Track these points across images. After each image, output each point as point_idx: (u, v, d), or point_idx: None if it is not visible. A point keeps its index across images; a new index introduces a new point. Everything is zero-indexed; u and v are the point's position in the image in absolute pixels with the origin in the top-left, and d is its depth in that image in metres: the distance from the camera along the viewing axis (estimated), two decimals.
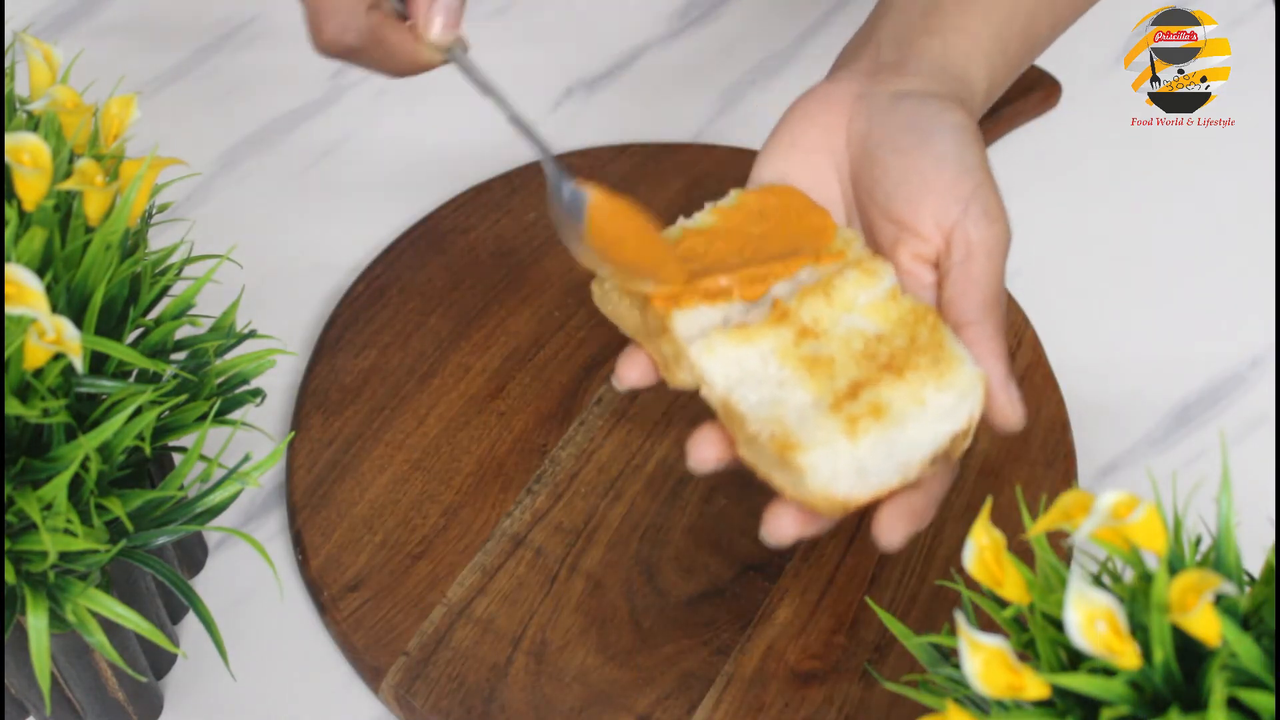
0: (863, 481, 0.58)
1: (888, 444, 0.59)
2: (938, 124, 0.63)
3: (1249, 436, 0.82)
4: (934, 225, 0.62)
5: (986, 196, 0.62)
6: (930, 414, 0.59)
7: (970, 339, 0.61)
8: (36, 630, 0.58)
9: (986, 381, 0.60)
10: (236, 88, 0.94)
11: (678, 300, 0.61)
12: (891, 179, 0.63)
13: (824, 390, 0.60)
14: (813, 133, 0.65)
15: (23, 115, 0.62)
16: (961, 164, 0.62)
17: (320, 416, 0.80)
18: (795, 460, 0.57)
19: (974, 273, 0.62)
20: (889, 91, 0.64)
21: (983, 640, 0.49)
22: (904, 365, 0.60)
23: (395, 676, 0.72)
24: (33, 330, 0.54)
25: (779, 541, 0.60)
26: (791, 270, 0.62)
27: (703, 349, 0.60)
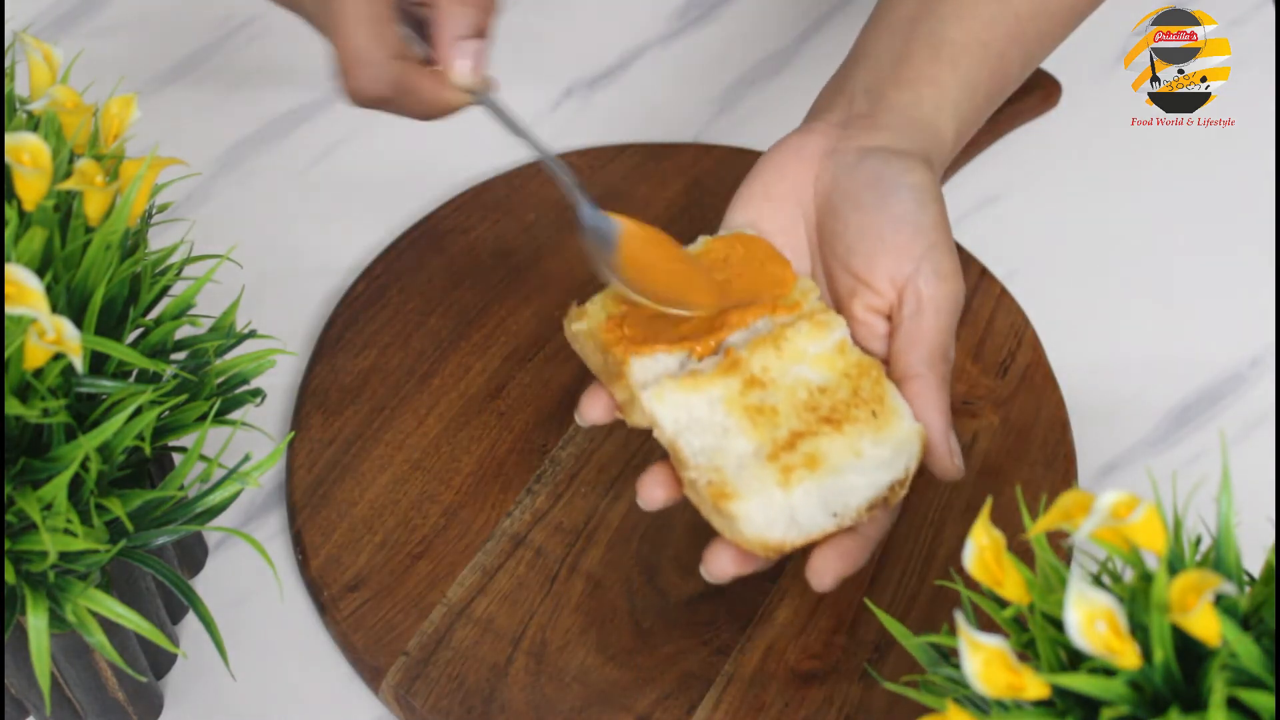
0: (795, 528, 0.62)
1: (821, 493, 0.62)
2: (898, 183, 0.66)
3: (1249, 436, 0.82)
4: (888, 281, 0.65)
5: (939, 257, 0.65)
6: (866, 465, 0.63)
7: (913, 392, 0.64)
8: (36, 630, 0.58)
9: (926, 434, 0.64)
10: (236, 88, 0.94)
11: (637, 347, 0.64)
12: (851, 234, 0.66)
13: (765, 439, 0.63)
14: (783, 184, 0.69)
15: (23, 115, 0.62)
16: (917, 225, 0.65)
17: (320, 416, 0.80)
18: (729, 508, 0.61)
19: (922, 327, 0.65)
20: (857, 146, 0.68)
21: (983, 640, 0.49)
22: (843, 418, 0.64)
23: (395, 676, 0.72)
24: (33, 330, 0.54)
25: (717, 578, 0.64)
26: (747, 320, 0.66)
27: (653, 395, 0.63)
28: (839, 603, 0.74)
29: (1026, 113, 0.93)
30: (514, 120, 0.68)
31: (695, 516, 0.77)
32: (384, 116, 0.93)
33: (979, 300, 0.85)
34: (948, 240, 0.66)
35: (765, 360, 0.64)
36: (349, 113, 0.94)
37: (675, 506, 0.77)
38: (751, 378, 0.64)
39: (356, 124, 0.93)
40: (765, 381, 0.64)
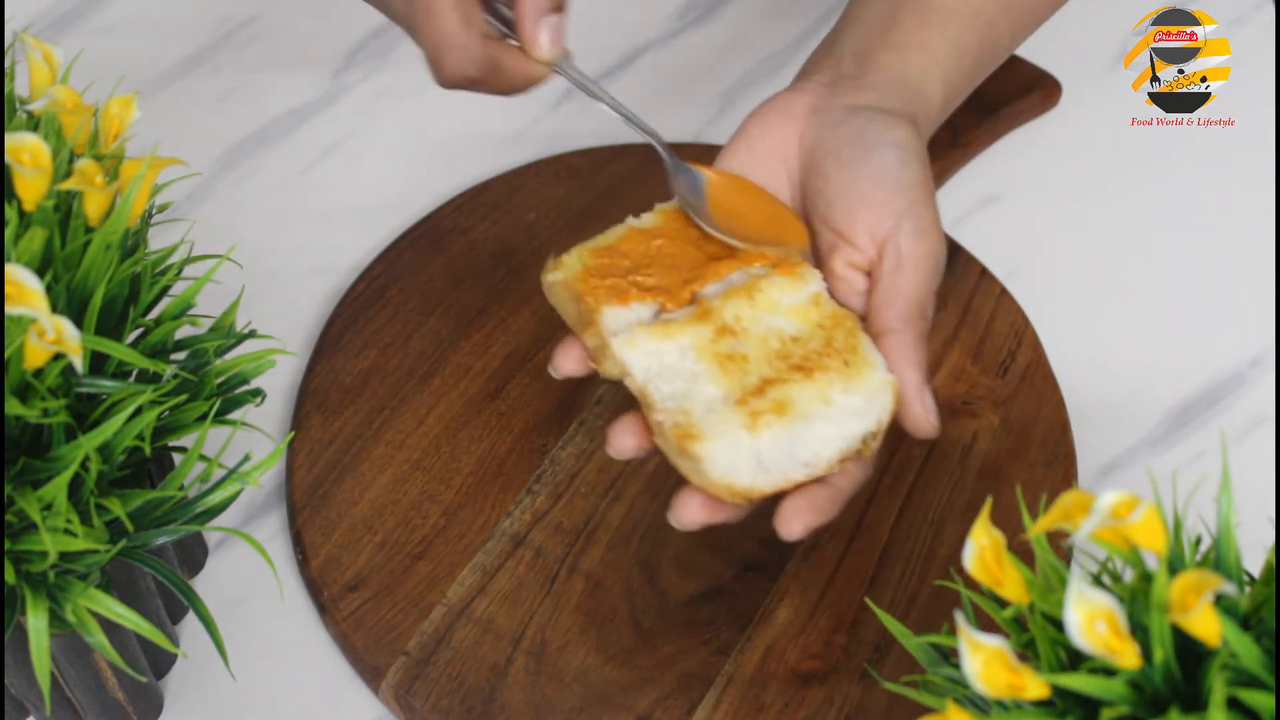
0: (763, 474, 0.61)
1: (789, 440, 0.62)
2: (881, 140, 0.66)
3: (1249, 436, 0.82)
4: (868, 236, 0.65)
5: (920, 213, 0.65)
6: (836, 414, 0.62)
7: (889, 346, 0.64)
8: (36, 630, 0.58)
9: (900, 388, 0.63)
10: (236, 88, 0.94)
11: (615, 298, 0.64)
12: (833, 189, 0.66)
13: (734, 385, 0.63)
14: (769, 139, 0.69)
15: (23, 115, 0.62)
16: (899, 181, 0.65)
17: (320, 416, 0.80)
18: (694, 449, 0.61)
19: (900, 283, 0.65)
20: (843, 105, 0.68)
21: (983, 640, 0.49)
22: (815, 366, 0.63)
23: (395, 676, 0.72)
24: (33, 330, 0.54)
25: (686, 525, 0.63)
26: (721, 273, 0.66)
27: (624, 342, 0.63)
28: (839, 603, 0.74)
29: (1026, 113, 0.93)
30: (591, 84, 0.70)
31: None
32: (384, 116, 0.94)
33: (979, 300, 0.85)
34: (929, 198, 0.66)
35: (738, 310, 0.64)
36: (349, 113, 0.94)
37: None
38: (723, 326, 0.64)
39: (356, 124, 0.93)
40: (737, 330, 0.64)
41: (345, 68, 0.95)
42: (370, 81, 0.95)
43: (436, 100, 0.94)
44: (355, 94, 0.94)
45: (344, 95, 0.94)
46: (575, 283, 0.65)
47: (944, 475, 0.78)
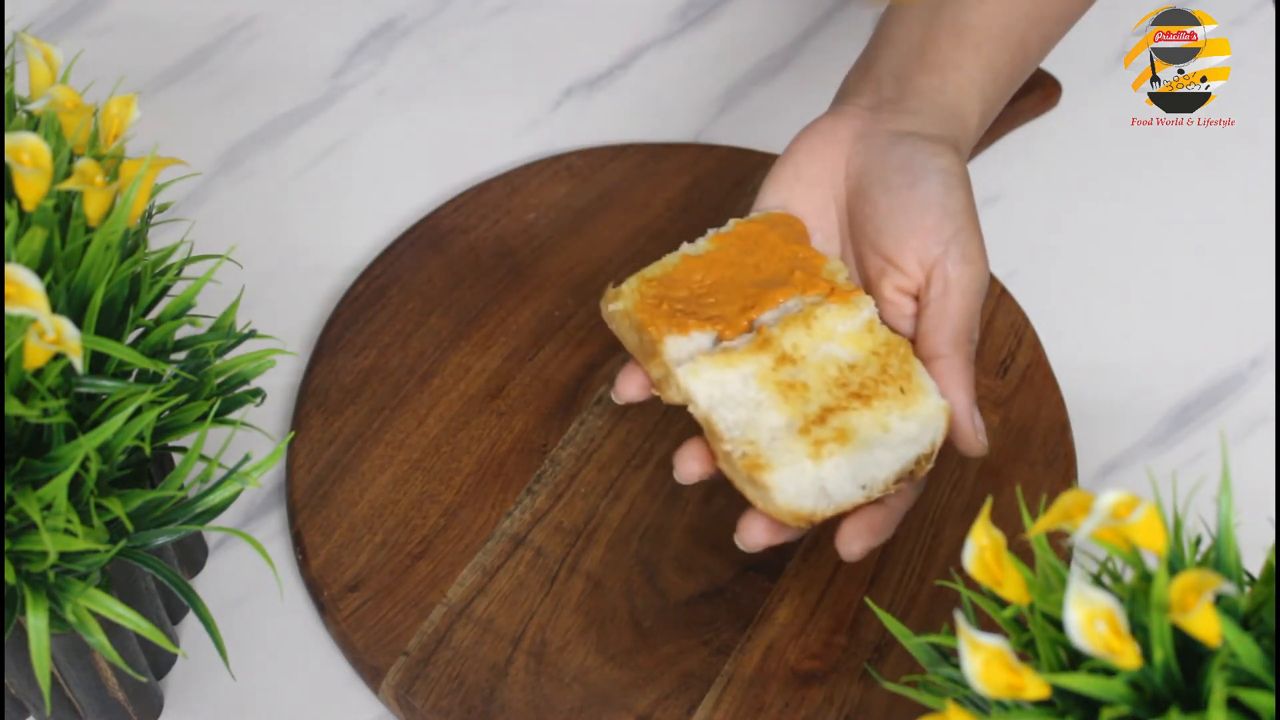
0: (825, 500, 0.64)
1: (851, 466, 0.65)
2: (928, 168, 0.68)
3: (1249, 436, 0.82)
4: (916, 262, 0.68)
5: (966, 240, 0.67)
6: (894, 440, 0.65)
7: (939, 370, 0.67)
8: (36, 630, 0.58)
9: (951, 411, 0.66)
10: (236, 88, 0.94)
11: (675, 327, 0.66)
12: (881, 216, 0.68)
13: (796, 413, 0.65)
14: (815, 166, 0.71)
15: (23, 115, 0.62)
16: (945, 208, 0.67)
17: (320, 416, 0.80)
18: (762, 479, 0.64)
19: (949, 309, 0.67)
20: (888, 130, 0.69)
21: (983, 640, 0.49)
22: (873, 394, 0.66)
23: (395, 676, 0.72)
24: (33, 330, 0.54)
25: (750, 547, 0.66)
26: (778, 300, 0.68)
27: (689, 371, 0.65)
28: (839, 603, 0.74)
29: (1026, 113, 0.93)
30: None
31: (695, 518, 0.77)
32: (384, 116, 0.94)
33: None
34: (974, 224, 0.68)
35: (796, 338, 0.66)
36: (349, 113, 0.94)
37: (674, 508, 0.77)
38: (783, 354, 0.66)
39: (356, 124, 0.93)
40: (796, 358, 0.66)
41: (345, 68, 0.95)
42: (370, 81, 0.95)
43: (436, 100, 0.94)
44: (355, 94, 0.94)
45: (344, 95, 0.94)
46: (636, 313, 0.67)
47: (944, 475, 0.78)
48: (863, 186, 0.69)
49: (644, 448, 0.79)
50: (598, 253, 0.86)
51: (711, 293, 0.68)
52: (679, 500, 0.77)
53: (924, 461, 0.66)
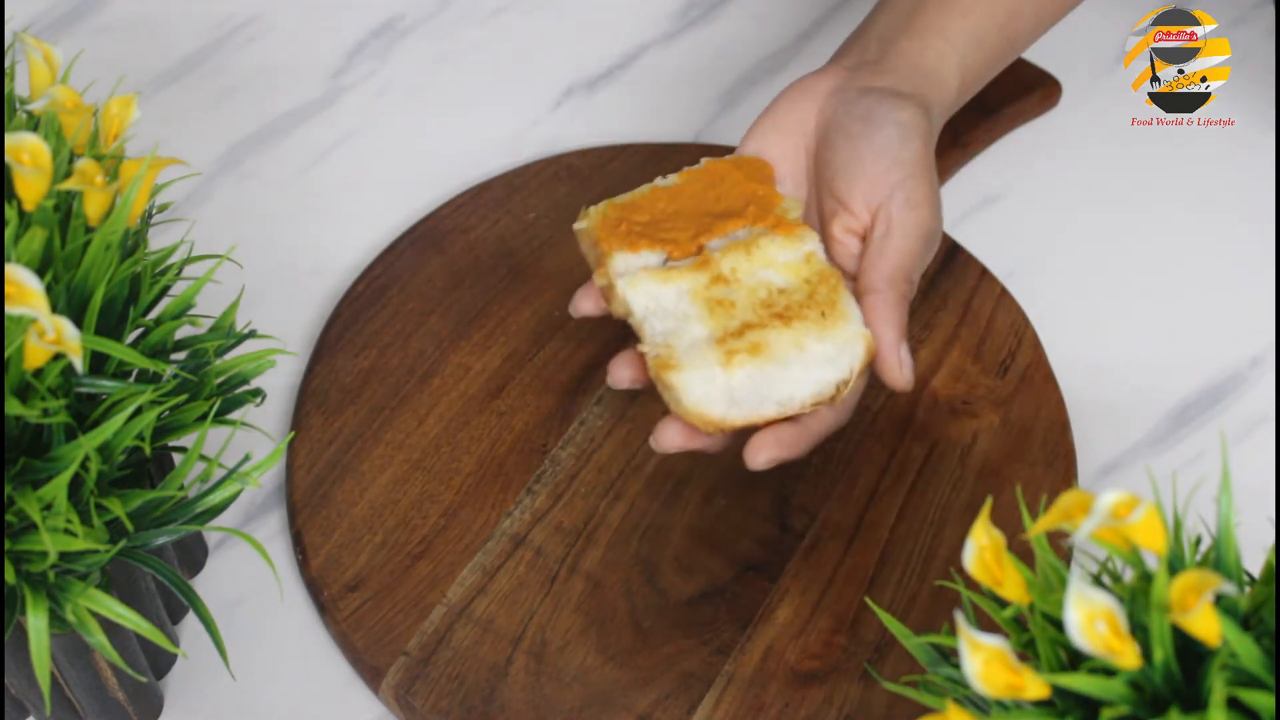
0: (735, 408, 0.67)
1: (762, 379, 0.67)
2: (886, 119, 0.71)
3: (1249, 436, 0.82)
4: (864, 204, 0.71)
5: (914, 186, 0.70)
6: (809, 359, 0.68)
7: (870, 304, 0.69)
8: (36, 630, 0.58)
9: (876, 343, 0.69)
10: (236, 88, 0.94)
11: (627, 245, 0.70)
12: (838, 160, 0.72)
13: (719, 327, 0.68)
14: (791, 117, 0.74)
15: (23, 115, 0.62)
16: (897, 156, 0.71)
17: (320, 416, 0.80)
18: (669, 378, 0.67)
19: (888, 248, 0.70)
20: (860, 86, 0.73)
21: (983, 640, 0.49)
22: (794, 316, 0.69)
23: (395, 676, 0.72)
24: (33, 330, 0.54)
25: (664, 448, 0.69)
26: (728, 229, 0.71)
27: (628, 283, 0.69)
28: (839, 603, 0.74)
29: (1026, 113, 0.93)
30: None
31: (695, 518, 0.77)
32: (384, 116, 0.94)
33: (979, 300, 0.85)
34: (926, 174, 0.71)
35: (735, 262, 0.70)
36: (349, 113, 0.94)
37: (674, 508, 0.77)
38: (719, 275, 0.70)
39: (356, 124, 0.93)
40: (731, 280, 0.70)
41: (345, 68, 0.95)
42: (370, 81, 0.95)
43: (436, 100, 0.94)
44: (355, 94, 0.94)
45: (344, 95, 0.94)
46: (594, 229, 0.71)
47: (944, 475, 0.78)
48: (827, 135, 0.73)
49: (644, 448, 0.79)
50: None
51: (670, 220, 0.72)
52: (679, 500, 0.77)
53: (842, 387, 0.68)
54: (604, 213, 0.72)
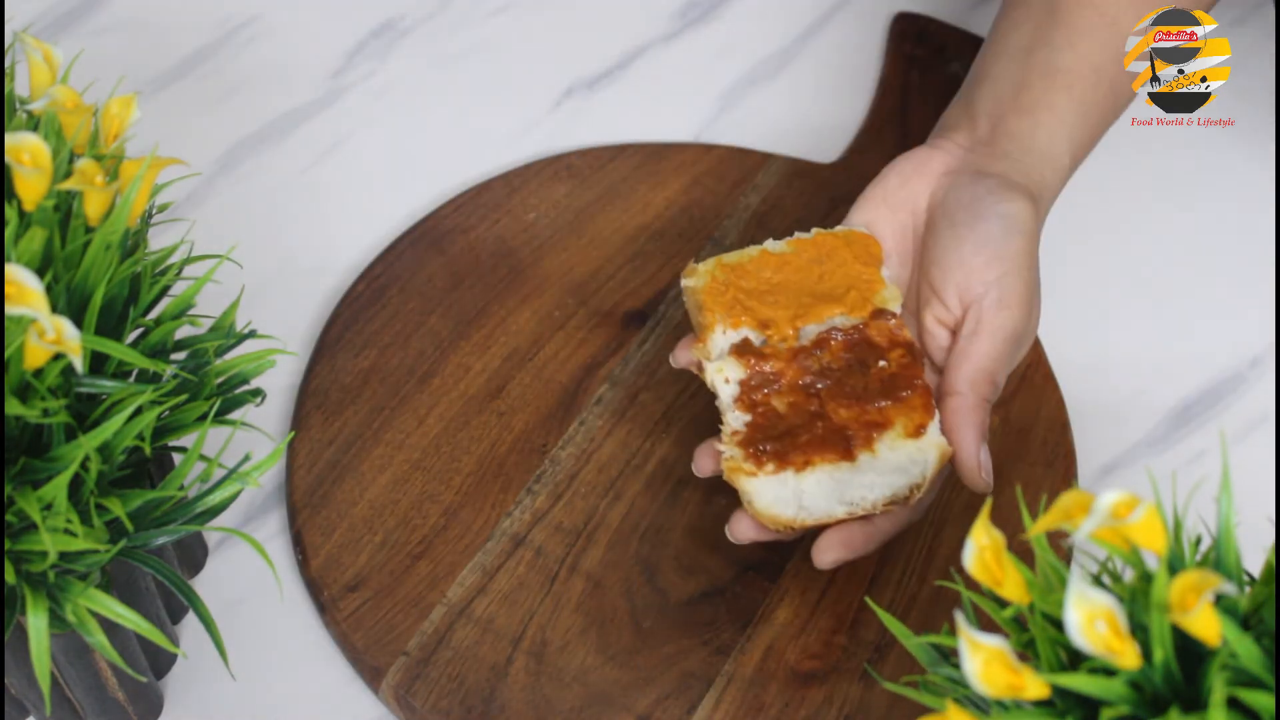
0: (805, 511, 0.68)
1: (833, 484, 0.68)
2: (992, 211, 0.71)
3: (1249, 436, 0.82)
4: (956, 298, 0.71)
5: (1008, 285, 0.70)
6: (881, 466, 0.68)
7: (952, 406, 0.69)
8: (36, 630, 0.58)
9: (956, 449, 0.69)
10: (236, 88, 0.94)
11: (729, 318, 0.71)
12: (938, 248, 0.72)
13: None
14: (903, 192, 0.74)
15: (23, 115, 0.62)
16: (997, 251, 0.70)
17: (320, 416, 0.80)
18: (741, 483, 0.68)
19: (973, 349, 0.70)
20: (973, 170, 0.73)
21: (983, 640, 0.49)
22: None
23: (395, 676, 0.72)
24: (33, 330, 0.54)
25: (738, 540, 0.70)
26: (824, 316, 0.71)
27: (716, 369, 0.70)
28: (839, 603, 0.74)
29: None
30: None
31: (695, 518, 0.77)
32: (384, 116, 0.94)
33: None
34: (1025, 273, 0.71)
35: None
36: (349, 113, 0.94)
37: (674, 508, 0.77)
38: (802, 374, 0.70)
39: (356, 124, 0.93)
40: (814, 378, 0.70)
41: (345, 68, 0.95)
42: (370, 81, 0.95)
43: (436, 100, 0.94)
44: (355, 94, 0.94)
45: (344, 95, 0.94)
46: (702, 293, 0.71)
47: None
48: (934, 219, 0.73)
49: (644, 448, 0.79)
50: (598, 253, 0.86)
51: (773, 291, 0.72)
52: (679, 500, 0.77)
53: (915, 490, 0.68)
54: (712, 273, 0.72)
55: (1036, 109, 0.74)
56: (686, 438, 0.79)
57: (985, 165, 0.73)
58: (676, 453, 0.79)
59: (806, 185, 0.89)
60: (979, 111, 0.75)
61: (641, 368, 0.81)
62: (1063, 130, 0.74)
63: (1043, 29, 0.75)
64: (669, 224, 0.87)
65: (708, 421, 0.80)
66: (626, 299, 0.84)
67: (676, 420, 0.80)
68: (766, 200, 0.88)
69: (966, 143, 0.75)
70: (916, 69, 0.94)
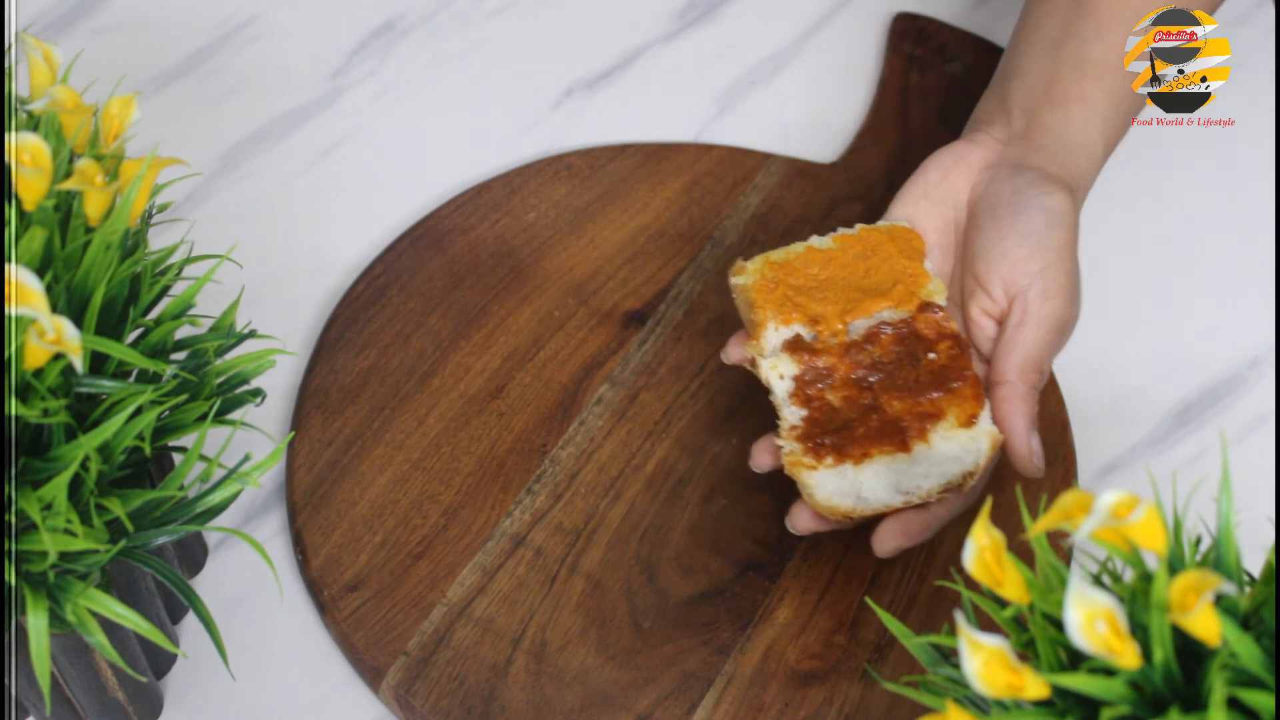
0: (862, 502, 0.69)
1: (890, 475, 0.69)
2: (1034, 204, 0.72)
3: (1249, 436, 0.82)
4: (1002, 289, 0.72)
5: (1052, 276, 0.71)
6: (936, 456, 0.69)
7: (1001, 395, 0.71)
8: (36, 630, 0.58)
9: (1007, 436, 0.70)
10: (236, 88, 0.94)
11: (781, 315, 0.71)
12: (982, 241, 0.73)
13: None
14: (944, 186, 0.76)
15: (23, 115, 0.62)
16: (1040, 243, 0.72)
17: (320, 416, 0.80)
18: (800, 476, 0.69)
19: (1021, 339, 0.71)
20: (1013, 164, 0.75)
21: (983, 640, 0.49)
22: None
23: (395, 676, 0.72)
24: (33, 330, 0.54)
25: (798, 531, 0.72)
26: (873, 310, 0.72)
27: (770, 364, 0.71)
28: (839, 603, 0.74)
29: None
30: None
31: (695, 518, 0.77)
32: (384, 116, 0.94)
33: None
34: (1067, 264, 0.72)
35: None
36: (349, 113, 0.94)
37: (674, 508, 0.77)
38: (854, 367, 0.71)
39: (356, 124, 0.93)
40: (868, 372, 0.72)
41: (345, 68, 0.95)
42: (370, 81, 0.95)
43: (436, 100, 0.94)
44: (355, 94, 0.94)
45: (344, 95, 0.94)
46: (753, 291, 0.72)
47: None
48: (976, 212, 0.74)
49: (644, 448, 0.79)
50: (598, 253, 0.86)
51: (821, 287, 0.73)
52: (679, 500, 0.77)
53: (968, 478, 0.69)
54: (761, 270, 0.73)
55: (1069, 101, 0.75)
56: (686, 438, 0.79)
57: (1023, 158, 0.74)
58: (676, 453, 0.79)
59: (806, 185, 0.89)
60: (1013, 105, 0.77)
61: (641, 368, 0.82)
62: (1095, 121, 0.76)
63: (1071, 21, 0.77)
64: (669, 224, 0.87)
65: (707, 421, 0.80)
66: (626, 299, 0.84)
67: (676, 420, 0.80)
68: (766, 200, 0.88)
69: (1003, 136, 0.76)
70: (916, 69, 0.94)
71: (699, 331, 0.83)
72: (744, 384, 0.81)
